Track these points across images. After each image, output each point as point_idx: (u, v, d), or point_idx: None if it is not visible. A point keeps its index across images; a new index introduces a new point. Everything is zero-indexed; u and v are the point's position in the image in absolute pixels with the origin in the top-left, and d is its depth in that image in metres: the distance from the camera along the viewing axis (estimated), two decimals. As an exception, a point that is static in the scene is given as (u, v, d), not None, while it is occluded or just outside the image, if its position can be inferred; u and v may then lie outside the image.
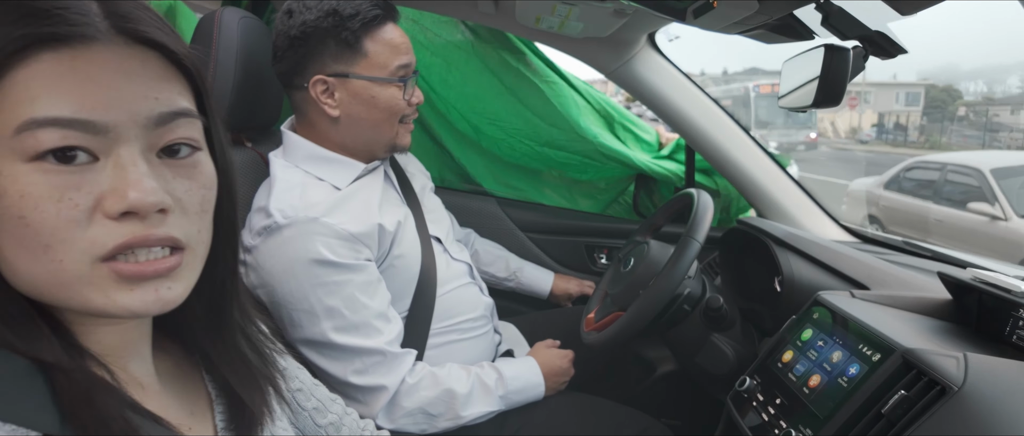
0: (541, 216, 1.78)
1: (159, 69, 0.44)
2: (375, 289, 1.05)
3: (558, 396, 1.22)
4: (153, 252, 0.42)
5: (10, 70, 0.38)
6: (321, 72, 1.06)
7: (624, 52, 1.41)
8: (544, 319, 1.57)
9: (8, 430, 0.38)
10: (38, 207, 0.39)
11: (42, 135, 0.38)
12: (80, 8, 0.41)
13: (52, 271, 0.40)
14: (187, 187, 0.45)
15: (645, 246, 1.25)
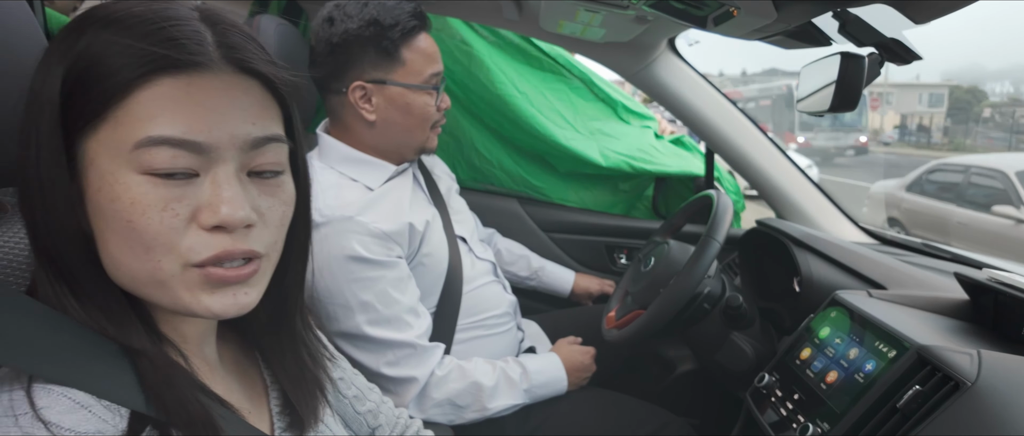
0: (562, 216, 1.81)
1: (259, 96, 0.48)
2: (406, 285, 1.10)
3: (580, 391, 1.25)
4: (235, 261, 0.47)
5: (135, 90, 0.43)
6: (360, 78, 1.10)
7: (645, 56, 1.44)
8: (565, 317, 1.60)
9: (103, 405, 0.43)
10: (145, 214, 0.44)
11: (156, 152, 0.43)
12: (198, 37, 0.45)
13: (150, 270, 0.45)
14: (270, 204, 0.50)
15: (665, 246, 1.28)
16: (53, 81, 0.44)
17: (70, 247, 0.45)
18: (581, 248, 1.79)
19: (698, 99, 1.48)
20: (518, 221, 1.79)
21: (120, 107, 0.43)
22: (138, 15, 0.45)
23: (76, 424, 0.41)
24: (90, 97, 0.43)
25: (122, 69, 0.43)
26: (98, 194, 0.44)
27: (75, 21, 0.46)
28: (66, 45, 0.45)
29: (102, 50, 0.43)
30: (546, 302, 1.72)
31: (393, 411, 0.82)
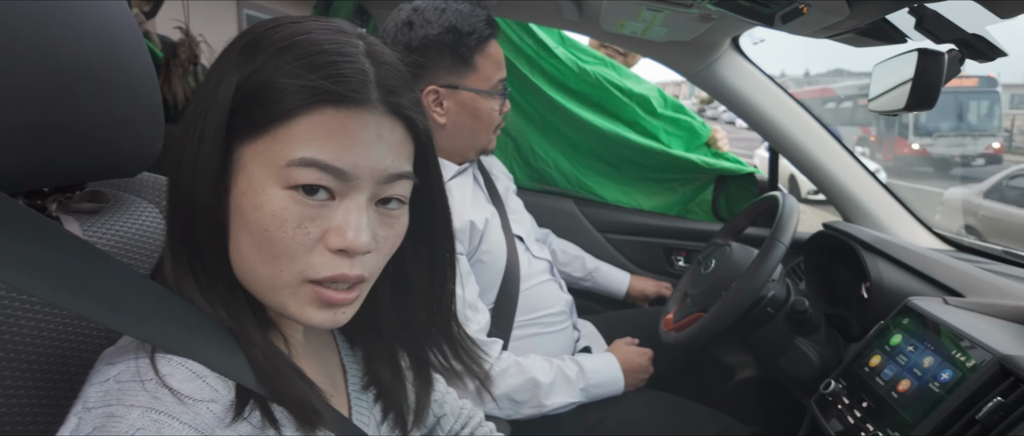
0: (618, 217, 1.80)
1: (401, 136, 0.51)
2: (466, 280, 1.12)
3: (638, 392, 1.25)
4: (344, 285, 0.50)
5: (298, 115, 0.46)
6: (434, 83, 1.14)
7: (707, 55, 1.42)
8: (621, 318, 1.59)
9: (215, 376, 0.47)
10: (282, 227, 0.47)
11: (304, 172, 0.46)
12: (362, 77, 0.48)
13: (270, 276, 0.49)
14: (386, 234, 0.53)
15: (727, 248, 1.26)
16: (228, 86, 0.47)
17: (207, 236, 0.49)
18: (638, 249, 1.78)
19: (763, 99, 1.45)
20: (574, 221, 1.79)
21: (282, 126, 0.47)
22: (314, 44, 0.48)
23: (194, 391, 0.45)
24: (258, 111, 0.47)
25: (292, 95, 0.46)
26: (243, 197, 0.48)
27: (258, 34, 0.49)
28: (246, 55, 0.48)
29: (276, 72, 0.47)
30: (601, 303, 1.71)
31: (457, 401, 0.84)
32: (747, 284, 1.10)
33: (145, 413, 0.42)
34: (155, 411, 0.42)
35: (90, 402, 0.43)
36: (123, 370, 0.45)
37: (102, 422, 0.41)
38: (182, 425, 0.43)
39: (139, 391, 0.43)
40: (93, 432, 0.41)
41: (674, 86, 35.97)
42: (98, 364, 0.48)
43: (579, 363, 1.20)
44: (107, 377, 0.45)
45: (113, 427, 0.41)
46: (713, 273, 1.23)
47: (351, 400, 0.63)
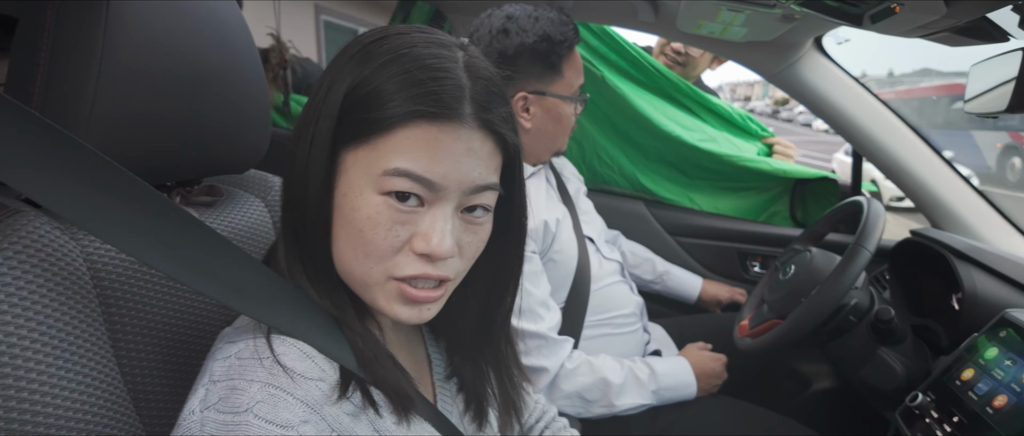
0: (691, 220, 1.78)
1: (490, 149, 0.54)
2: (538, 279, 1.14)
3: (710, 398, 1.23)
4: (428, 283, 0.54)
5: (397, 127, 0.50)
6: (524, 89, 1.17)
7: (788, 55, 1.38)
8: (692, 323, 1.57)
9: (322, 358, 0.52)
10: (375, 229, 0.51)
11: (398, 181, 0.50)
12: (459, 93, 0.51)
13: (362, 272, 0.53)
14: (470, 239, 0.56)
15: (807, 254, 1.23)
16: (336, 96, 0.51)
17: (315, 232, 0.54)
18: (711, 254, 1.75)
19: (847, 101, 1.40)
20: (644, 224, 1.78)
21: (382, 137, 0.50)
22: (417, 59, 0.51)
23: (305, 370, 0.50)
24: (361, 122, 0.51)
25: (393, 109, 0.50)
26: (343, 199, 0.52)
27: (363, 48, 0.53)
28: (354, 65, 0.52)
29: (381, 86, 0.50)
30: (671, 307, 1.70)
31: (532, 396, 0.86)
32: (829, 291, 1.07)
33: (263, 388, 0.47)
34: (272, 386, 0.47)
35: (215, 376, 0.48)
36: (243, 348, 0.50)
37: (226, 393, 0.46)
38: (295, 400, 0.47)
39: (258, 368, 0.48)
40: (219, 402, 0.46)
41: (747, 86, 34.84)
42: (219, 342, 0.53)
43: (651, 365, 1.19)
44: (229, 354, 0.50)
45: (236, 398, 0.46)
46: (792, 279, 1.20)
47: (436, 388, 0.66)
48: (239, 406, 0.45)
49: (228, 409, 0.45)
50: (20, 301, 0.46)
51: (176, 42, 0.58)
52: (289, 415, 0.46)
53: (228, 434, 0.44)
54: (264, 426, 0.44)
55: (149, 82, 0.55)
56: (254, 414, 0.45)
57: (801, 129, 22.00)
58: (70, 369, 0.49)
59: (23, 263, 0.48)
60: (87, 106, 0.51)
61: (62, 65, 0.52)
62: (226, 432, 0.44)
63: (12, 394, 0.45)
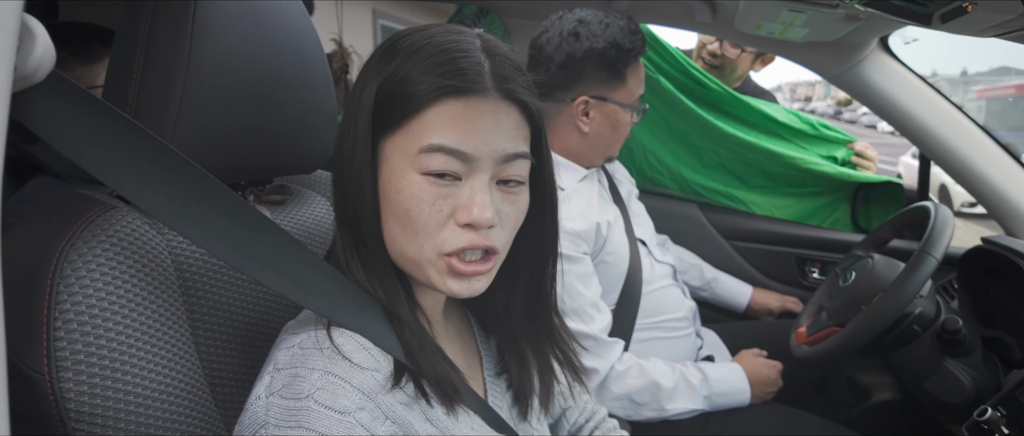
0: (747, 223, 1.74)
1: (516, 119, 0.57)
2: (590, 280, 1.15)
3: (764, 405, 1.21)
4: (475, 254, 0.57)
5: (427, 108, 0.54)
6: (587, 93, 1.19)
7: (852, 56, 1.34)
8: (746, 329, 1.55)
9: (377, 350, 0.55)
10: (419, 206, 0.54)
11: (434, 157, 0.53)
12: (478, 68, 0.55)
13: (414, 252, 0.56)
14: (509, 210, 0.58)
15: (868, 260, 1.20)
16: (370, 92, 0.56)
17: (366, 223, 0.57)
18: (767, 259, 1.72)
19: (914, 102, 1.35)
20: (697, 227, 1.76)
21: (414, 119, 0.54)
22: (436, 46, 0.55)
23: (361, 360, 0.53)
24: (394, 110, 0.55)
25: (420, 93, 0.54)
26: (387, 184, 0.55)
27: (389, 46, 0.57)
28: (381, 65, 0.56)
29: (406, 75, 0.54)
30: (724, 313, 1.67)
31: (582, 396, 0.87)
32: (892, 299, 1.04)
33: (323, 375, 0.50)
34: (331, 374, 0.50)
35: (280, 364, 0.52)
36: (305, 338, 0.53)
37: (289, 381, 0.50)
38: (352, 388, 0.50)
39: (318, 356, 0.51)
40: (282, 388, 0.49)
41: (808, 86, 33.76)
42: (283, 333, 0.57)
43: (703, 370, 1.18)
44: (292, 344, 0.53)
45: (298, 385, 0.49)
46: (853, 286, 1.17)
47: (487, 384, 0.68)
48: (300, 392, 0.48)
49: (290, 395, 0.48)
50: (114, 290, 0.51)
51: (253, 47, 0.61)
52: (346, 402, 0.49)
53: (290, 418, 0.47)
54: (323, 411, 0.48)
55: (229, 85, 0.59)
56: (314, 400, 0.48)
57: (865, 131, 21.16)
58: (156, 354, 0.53)
59: (117, 255, 0.52)
60: (175, 108, 0.55)
61: (154, 66, 0.56)
62: (288, 417, 0.47)
63: (108, 374, 0.49)
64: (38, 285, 0.48)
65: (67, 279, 0.48)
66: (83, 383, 0.48)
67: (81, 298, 0.48)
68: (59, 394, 0.47)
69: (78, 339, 0.48)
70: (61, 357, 0.47)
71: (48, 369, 0.47)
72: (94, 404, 0.48)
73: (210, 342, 0.60)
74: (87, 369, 0.48)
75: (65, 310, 0.48)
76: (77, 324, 0.48)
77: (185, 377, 0.55)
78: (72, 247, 0.49)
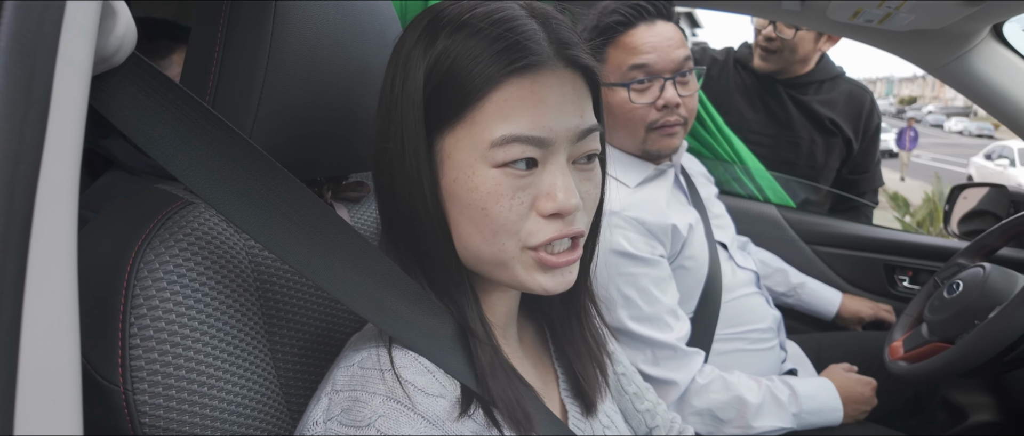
0: (830, 227, 1.64)
1: (582, 89, 0.52)
2: (667, 285, 1.07)
3: (857, 426, 1.12)
4: (564, 243, 0.51)
5: (490, 93, 0.48)
6: None
7: (959, 46, 1.22)
8: (831, 340, 1.44)
9: (443, 373, 0.49)
10: (499, 203, 0.48)
11: (511, 149, 0.48)
12: (534, 37, 0.49)
13: (495, 252, 0.50)
14: (588, 188, 0.53)
15: (979, 270, 1.08)
16: (415, 84, 0.49)
17: (431, 231, 0.51)
18: (852, 265, 1.60)
19: (1031, 96, 1.22)
20: (776, 230, 1.66)
21: (476, 108, 0.48)
22: (483, 17, 0.49)
23: (426, 385, 0.47)
24: (450, 101, 0.48)
25: (479, 76, 0.47)
26: (454, 184, 0.49)
27: (428, 23, 0.51)
28: (423, 47, 0.50)
29: (457, 56, 0.48)
30: (806, 323, 1.56)
31: (667, 414, 0.81)
32: (1015, 314, 0.93)
33: (385, 402, 0.44)
34: (393, 401, 0.45)
35: (338, 385, 0.47)
36: (365, 357, 0.48)
37: (349, 405, 0.44)
38: (416, 415, 0.45)
39: (379, 381, 0.46)
40: (341, 414, 0.44)
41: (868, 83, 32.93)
42: (346, 349, 0.51)
43: (791, 386, 1.09)
44: (352, 362, 0.48)
45: (358, 411, 0.44)
46: (961, 298, 1.06)
47: (564, 404, 0.62)
48: (361, 420, 0.43)
49: (350, 422, 0.43)
50: (192, 293, 0.47)
51: (336, 38, 0.57)
52: (411, 431, 0.44)
53: None
54: None
55: (311, 80, 0.55)
56: (376, 429, 0.43)
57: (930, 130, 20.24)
58: (233, 364, 0.49)
59: (195, 255, 0.48)
60: (255, 100, 0.51)
61: (233, 64, 0.52)
62: None
63: (184, 386, 0.45)
64: (114, 287, 0.44)
65: (144, 281, 0.45)
66: (159, 396, 0.44)
67: (157, 302, 0.45)
68: (134, 407, 0.43)
69: (154, 347, 0.44)
70: (136, 367, 0.43)
71: (123, 380, 0.43)
72: (169, 418, 0.44)
73: (286, 350, 0.56)
74: (163, 381, 0.44)
75: (141, 315, 0.44)
76: (153, 331, 0.44)
77: (262, 389, 0.51)
78: (149, 246, 0.46)
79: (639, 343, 1.05)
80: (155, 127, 0.42)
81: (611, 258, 1.04)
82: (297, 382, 0.56)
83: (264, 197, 0.46)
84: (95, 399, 0.43)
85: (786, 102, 1.85)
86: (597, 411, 0.63)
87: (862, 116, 1.84)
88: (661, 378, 1.04)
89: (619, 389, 0.75)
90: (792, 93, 1.85)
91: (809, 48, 1.78)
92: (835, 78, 1.86)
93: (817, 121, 1.84)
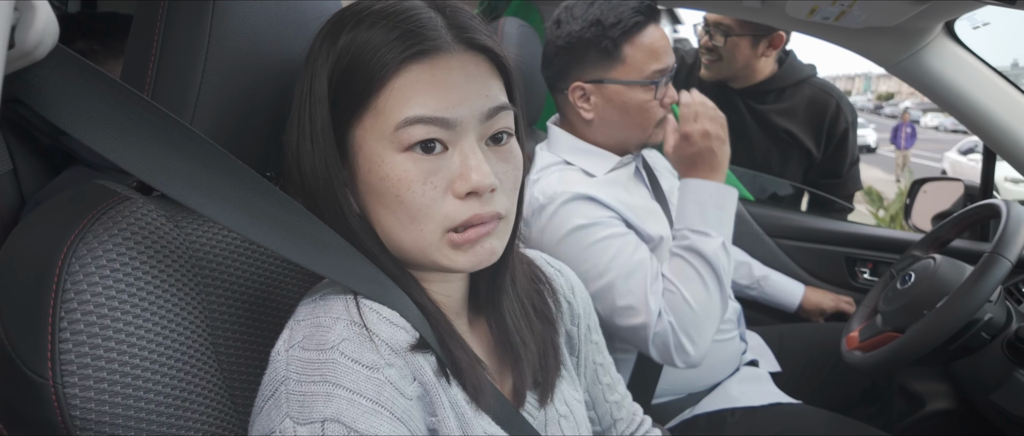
0: (793, 221, 1.67)
1: (486, 69, 0.53)
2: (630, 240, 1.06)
3: (812, 412, 1.14)
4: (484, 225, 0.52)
5: (390, 80, 0.49)
6: (580, 79, 1.12)
7: (912, 43, 1.25)
8: (793, 331, 1.47)
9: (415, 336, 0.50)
10: (411, 188, 0.49)
11: (414, 130, 0.49)
12: (432, 24, 0.50)
13: (413, 239, 0.51)
14: (505, 169, 0.54)
15: (930, 262, 1.12)
16: (321, 81, 0.51)
17: (357, 229, 0.52)
18: (814, 258, 1.63)
19: (981, 92, 1.25)
20: (741, 224, 1.68)
21: (379, 96, 0.49)
22: (380, 12, 0.50)
23: (389, 316, 0.50)
24: (354, 92, 0.50)
25: (377, 64, 0.49)
26: (369, 175, 0.50)
27: (331, 26, 0.52)
28: (327, 45, 0.51)
29: (358, 50, 0.49)
30: (770, 314, 1.59)
31: (631, 406, 0.82)
32: (959, 304, 0.96)
33: (349, 326, 0.46)
34: (357, 325, 0.46)
35: (300, 315, 0.48)
36: (328, 292, 0.49)
37: (311, 331, 0.45)
38: (380, 341, 0.46)
39: (342, 308, 0.47)
40: (303, 339, 0.45)
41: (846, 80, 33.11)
42: (304, 298, 0.52)
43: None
44: (313, 298, 0.49)
45: (321, 335, 0.45)
46: (913, 289, 1.09)
47: (520, 394, 0.62)
48: (324, 343, 0.44)
49: (313, 346, 0.44)
50: (126, 288, 0.47)
51: (278, 33, 0.57)
52: (374, 356, 0.45)
53: (314, 372, 0.43)
54: (350, 365, 0.43)
55: (251, 74, 0.56)
56: (340, 351, 0.44)
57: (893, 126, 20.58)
58: (169, 357, 0.49)
59: (131, 249, 0.48)
60: (193, 97, 0.52)
61: (171, 61, 0.52)
62: (312, 370, 0.43)
63: (117, 379, 0.46)
64: (44, 282, 0.44)
65: (75, 276, 0.45)
66: (90, 389, 0.44)
67: (89, 297, 0.45)
68: (64, 401, 0.43)
69: (85, 341, 0.44)
70: (66, 361, 0.44)
71: (52, 373, 0.43)
72: (101, 411, 0.45)
73: (228, 343, 0.56)
74: (94, 374, 0.44)
75: (72, 310, 0.44)
76: (84, 325, 0.44)
77: (199, 379, 0.52)
78: (81, 241, 0.46)
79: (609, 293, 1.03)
80: (88, 117, 0.42)
81: (570, 237, 1.04)
82: (243, 369, 0.57)
83: (209, 176, 0.47)
84: (24, 393, 0.43)
85: (742, 112, 1.81)
86: (553, 398, 0.64)
87: (825, 122, 1.79)
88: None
89: (595, 378, 0.77)
90: (749, 103, 1.81)
91: (747, 54, 1.74)
92: (798, 83, 1.81)
93: (772, 132, 1.80)
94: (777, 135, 1.80)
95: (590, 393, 0.76)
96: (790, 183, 1.85)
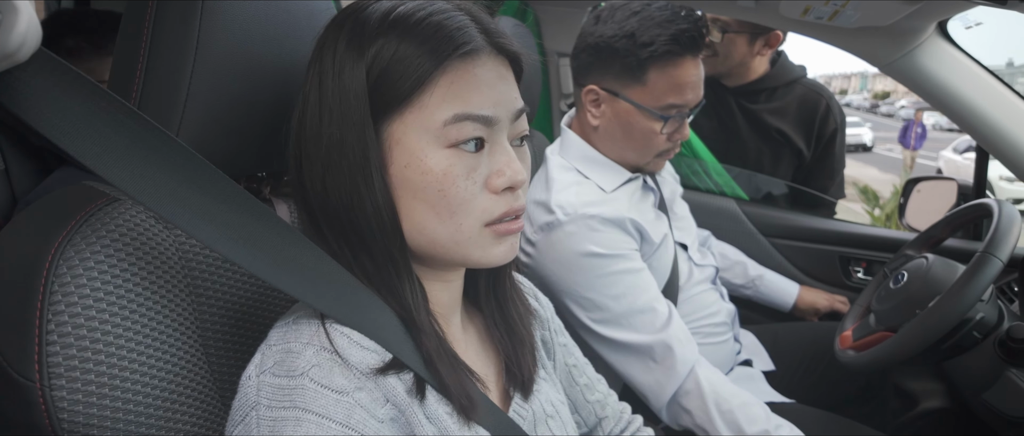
0: (788, 220, 1.67)
1: (510, 74, 0.55)
2: (643, 276, 1.07)
3: (808, 412, 1.15)
4: (511, 216, 0.54)
5: (436, 77, 0.50)
6: (598, 84, 1.10)
7: (906, 42, 1.25)
8: (787, 331, 1.47)
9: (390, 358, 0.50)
10: (455, 183, 0.50)
11: (464, 126, 0.50)
12: (467, 26, 0.52)
13: (451, 233, 0.52)
14: (524, 167, 0.55)
15: (922, 261, 1.12)
16: (357, 77, 0.50)
17: (376, 221, 0.51)
18: (809, 257, 1.64)
19: (974, 91, 1.25)
20: (735, 223, 1.69)
21: (425, 92, 0.50)
22: (415, 11, 0.51)
23: (359, 339, 0.49)
24: (396, 88, 0.50)
25: (420, 66, 0.50)
26: (406, 169, 0.51)
27: (354, 22, 0.51)
28: (359, 44, 0.51)
29: (397, 51, 0.50)
30: (764, 314, 1.60)
31: (617, 405, 0.82)
32: (951, 303, 0.96)
33: (318, 352, 0.46)
34: (326, 350, 0.46)
35: (271, 340, 0.48)
36: (300, 317, 0.49)
37: (282, 357, 0.45)
38: (350, 367, 0.46)
39: (313, 333, 0.47)
40: (274, 365, 0.45)
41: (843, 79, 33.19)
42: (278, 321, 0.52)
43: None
44: (286, 321, 0.49)
45: (292, 361, 0.45)
46: (906, 288, 1.09)
47: (509, 391, 0.63)
48: (294, 369, 0.44)
49: (283, 372, 0.44)
50: (114, 290, 0.47)
51: (268, 34, 0.57)
52: (344, 381, 0.45)
53: (284, 398, 0.43)
54: (319, 390, 0.44)
55: (241, 77, 0.55)
56: (309, 377, 0.44)
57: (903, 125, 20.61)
58: (158, 359, 0.49)
59: (118, 252, 0.48)
60: (182, 100, 0.51)
61: (159, 62, 0.52)
62: (281, 396, 0.43)
63: (105, 382, 0.45)
64: (32, 284, 0.44)
65: (62, 278, 0.45)
66: (78, 391, 0.44)
67: (77, 299, 0.45)
68: (51, 403, 0.43)
69: (73, 343, 0.44)
70: (53, 363, 0.43)
71: (39, 376, 0.43)
72: (89, 414, 0.44)
73: (219, 345, 0.56)
74: (82, 377, 0.44)
75: (59, 312, 0.44)
76: (72, 327, 0.44)
77: (189, 382, 0.51)
78: (69, 243, 0.46)
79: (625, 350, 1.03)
80: (69, 122, 0.42)
81: (589, 260, 1.03)
82: (232, 376, 0.57)
83: (188, 188, 0.46)
84: (11, 396, 0.43)
85: (734, 111, 1.81)
86: (534, 392, 0.64)
87: (815, 122, 1.77)
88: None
89: (570, 381, 0.77)
90: (741, 101, 1.81)
91: (743, 52, 1.73)
92: (790, 83, 1.79)
93: (764, 131, 1.79)
94: (769, 134, 1.79)
95: (569, 396, 0.76)
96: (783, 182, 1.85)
